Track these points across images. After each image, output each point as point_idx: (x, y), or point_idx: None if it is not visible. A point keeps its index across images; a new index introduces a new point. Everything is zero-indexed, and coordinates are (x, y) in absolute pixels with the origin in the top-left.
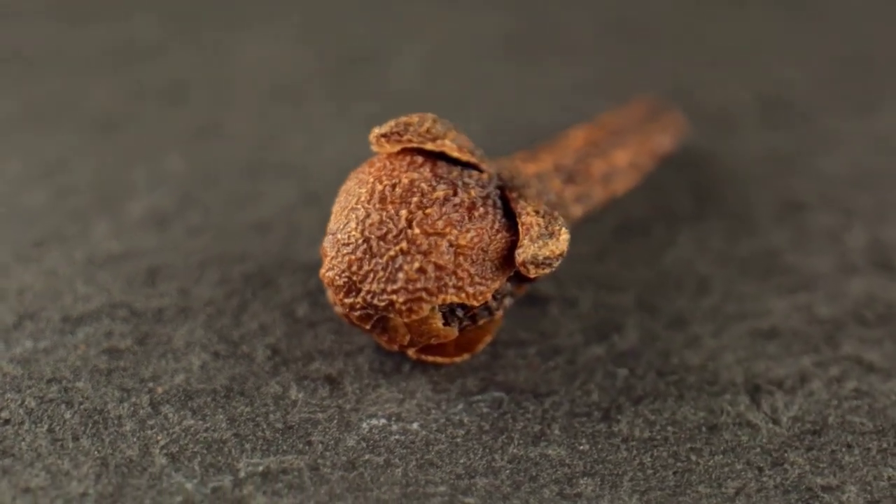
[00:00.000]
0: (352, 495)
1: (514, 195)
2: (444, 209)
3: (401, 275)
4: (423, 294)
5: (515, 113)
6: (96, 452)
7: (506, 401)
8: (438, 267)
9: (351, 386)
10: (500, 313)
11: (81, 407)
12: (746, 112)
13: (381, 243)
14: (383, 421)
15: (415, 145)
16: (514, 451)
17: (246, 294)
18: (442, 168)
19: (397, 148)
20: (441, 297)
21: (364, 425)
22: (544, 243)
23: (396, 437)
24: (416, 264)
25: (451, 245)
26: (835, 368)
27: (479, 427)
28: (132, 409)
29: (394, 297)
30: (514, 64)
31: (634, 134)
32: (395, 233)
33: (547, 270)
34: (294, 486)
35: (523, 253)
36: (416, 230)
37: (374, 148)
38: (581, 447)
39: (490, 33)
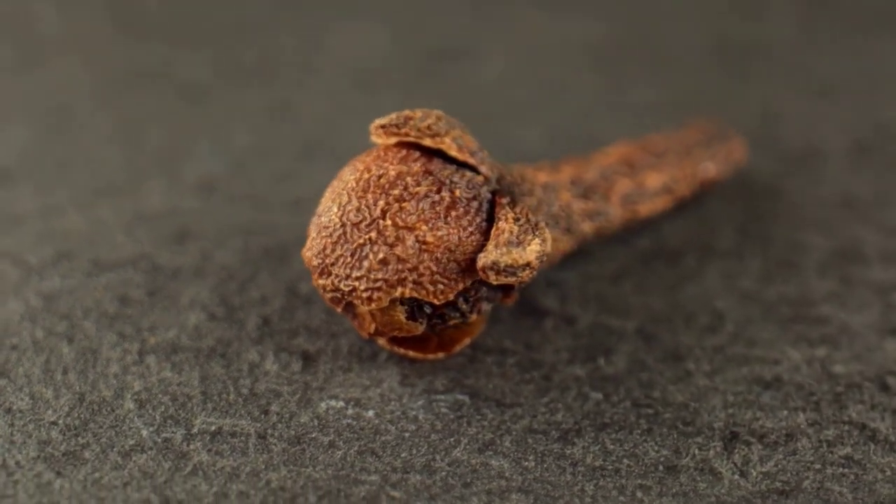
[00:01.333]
0: (286, 468)
1: (504, 200)
2: (421, 205)
3: (365, 263)
4: (383, 284)
5: (582, 124)
6: (77, 388)
7: (467, 405)
8: (400, 260)
9: (324, 365)
10: (474, 316)
11: (80, 345)
12: (833, 151)
13: (355, 230)
14: (341, 404)
15: (411, 139)
16: (458, 454)
17: (259, 265)
18: (436, 165)
19: (393, 140)
20: (399, 289)
21: (322, 405)
22: (508, 251)
23: (348, 421)
24: (381, 255)
25: (417, 240)
26: (831, 431)
27: (431, 425)
28: (122, 354)
29: (356, 283)
30: (596, 74)
31: (678, 157)
32: (368, 221)
33: (511, 279)
34: (237, 450)
35: (484, 258)
36: (388, 221)
37: (373, 138)
38: (526, 463)
39: (581, 40)
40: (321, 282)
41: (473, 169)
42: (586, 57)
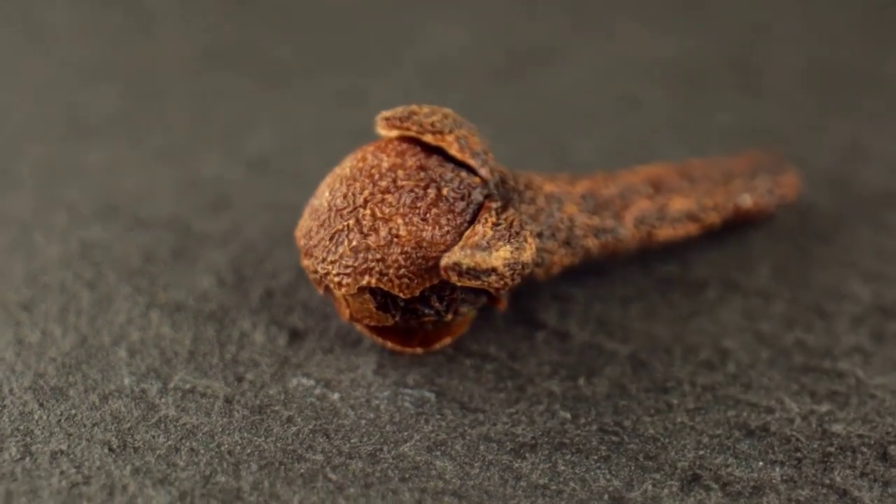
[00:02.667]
0: (240, 434)
1: (494, 205)
2: (403, 199)
3: (339, 249)
4: (352, 271)
5: (646, 141)
6: (83, 331)
7: (431, 402)
8: (370, 249)
9: (308, 344)
10: (450, 316)
11: (98, 292)
12: None
13: (338, 216)
14: (312, 382)
15: (412, 134)
16: (406, 449)
17: (280, 241)
18: (432, 162)
19: (395, 133)
20: (367, 278)
21: (294, 381)
22: (473, 253)
23: (313, 400)
24: (354, 242)
25: (390, 232)
26: (806, 491)
27: (390, 417)
28: (131, 305)
29: (330, 267)
30: (676, 92)
31: (712, 184)
32: (350, 209)
33: (475, 283)
34: (202, 410)
35: (447, 257)
36: (367, 211)
37: (378, 129)
38: (471, 469)
39: (670, 56)
40: (305, 262)
41: (473, 170)
42: (672, 74)
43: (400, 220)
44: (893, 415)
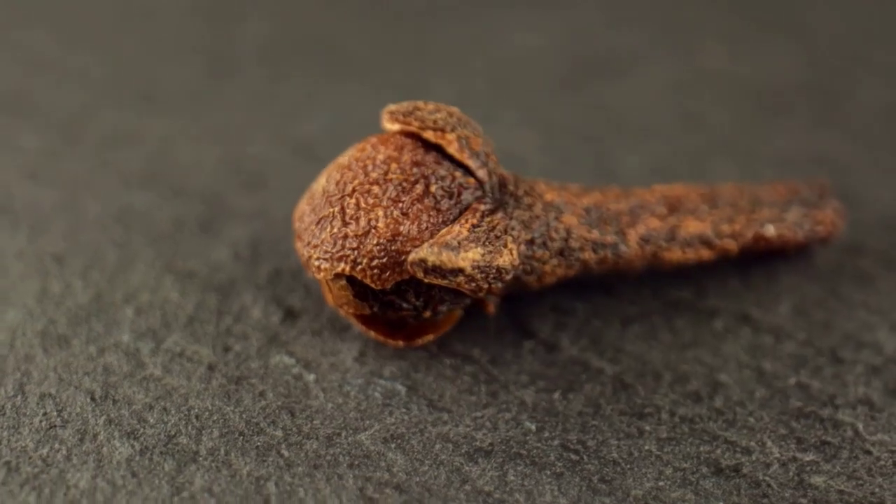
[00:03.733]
0: (211, 401)
1: (482, 207)
2: (389, 191)
3: (322, 234)
4: (330, 257)
5: (696, 163)
6: (100, 287)
7: (400, 396)
8: (348, 237)
9: (301, 324)
10: (428, 313)
11: (123, 253)
12: None
13: (327, 203)
14: (292, 361)
15: (414, 130)
16: (362, 437)
17: None
18: (428, 159)
19: (397, 127)
20: (341, 266)
21: (276, 357)
22: (440, 251)
23: (288, 378)
24: (334, 229)
25: (369, 223)
26: None
27: (356, 405)
28: (148, 269)
29: (312, 251)
30: (748, 115)
31: (735, 210)
32: (338, 196)
33: (441, 282)
34: (184, 374)
35: (414, 253)
36: (353, 200)
37: (383, 122)
38: (420, 466)
39: (756, 79)
40: (297, 244)
41: (470, 171)
42: (744, 94)
43: (381, 212)
44: (886, 475)
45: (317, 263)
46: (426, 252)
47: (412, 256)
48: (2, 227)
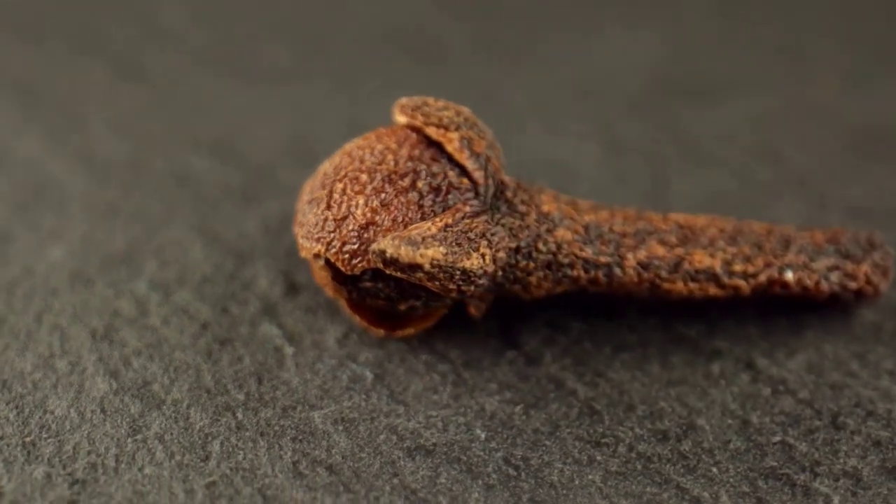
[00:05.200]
0: (192, 357)
1: (466, 208)
2: (375, 181)
3: (309, 215)
4: (309, 237)
5: (751, 197)
6: (136, 237)
7: (364, 382)
8: (327, 221)
9: (299, 299)
10: (403, 306)
11: (166, 211)
12: None
13: (321, 185)
14: (278, 332)
15: (418, 125)
16: (314, 415)
17: None
18: (426, 154)
19: (405, 120)
20: (317, 247)
21: (264, 327)
22: (400, 245)
23: (269, 347)
24: (319, 211)
25: (349, 209)
26: None
27: (321, 384)
28: (184, 228)
29: (298, 230)
30: (821, 151)
31: (757, 251)
32: (330, 180)
33: (401, 275)
34: (178, 327)
35: (377, 244)
36: (340, 185)
37: (394, 114)
38: (359, 452)
39: (844, 110)
40: (294, 226)
41: (467, 172)
42: (845, 136)
43: (361, 200)
44: None
45: (300, 242)
46: (387, 243)
47: (374, 246)
48: (79, 172)
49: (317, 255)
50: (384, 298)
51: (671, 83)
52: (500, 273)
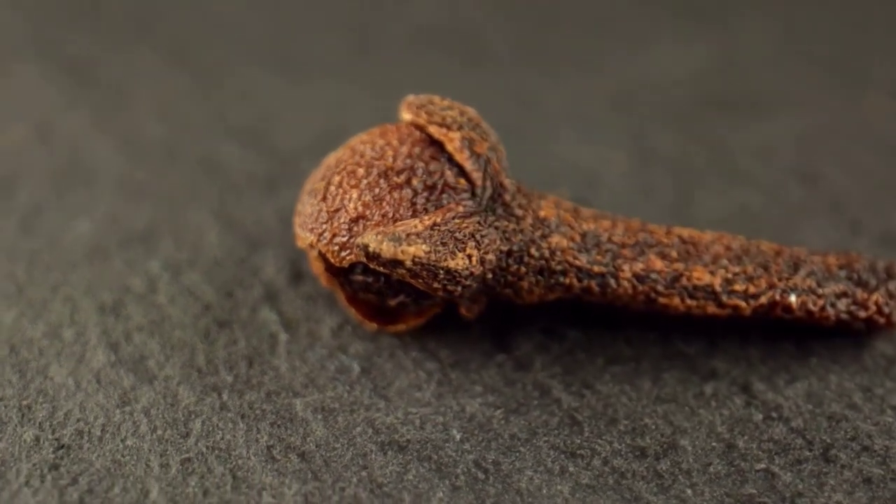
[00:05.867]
0: (190, 336)
1: (459, 209)
2: (371, 176)
3: (307, 206)
4: (304, 227)
5: (776, 218)
6: (159, 217)
7: (350, 374)
8: (321, 212)
9: (302, 287)
10: (391, 302)
11: (190, 192)
12: None
13: (322, 177)
14: (275, 318)
15: (422, 122)
16: (296, 402)
17: None
18: (426, 153)
19: (409, 117)
20: (310, 237)
21: (264, 312)
22: (382, 240)
23: (264, 332)
24: (314, 201)
25: (342, 201)
26: None
27: (307, 373)
28: (204, 212)
29: (296, 219)
30: (862, 175)
31: (762, 271)
32: (330, 172)
33: (381, 269)
34: (182, 307)
35: (361, 237)
36: (338, 177)
37: (401, 110)
38: (334, 442)
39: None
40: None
41: (465, 173)
42: (889, 161)
43: (355, 193)
44: None
45: (296, 231)
46: (370, 238)
47: (358, 239)
48: (116, 151)
49: (311, 246)
50: (374, 293)
51: (715, 96)
52: (489, 275)
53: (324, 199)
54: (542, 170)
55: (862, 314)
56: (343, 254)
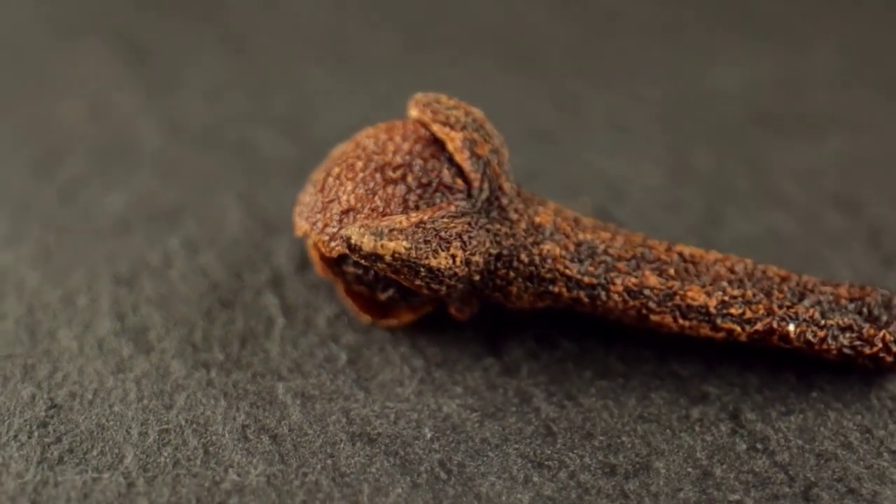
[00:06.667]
0: (194, 313)
1: (451, 208)
2: (368, 170)
3: (305, 196)
4: (301, 215)
5: (806, 245)
6: (186, 196)
7: (336, 363)
8: (317, 202)
9: (308, 275)
10: (382, 296)
11: (220, 174)
12: None
13: (324, 168)
14: (276, 303)
15: (426, 121)
16: (279, 386)
17: None
18: (427, 151)
19: (416, 113)
20: (304, 226)
21: (266, 297)
22: (364, 233)
23: (263, 315)
24: (313, 192)
25: (337, 193)
26: None
27: (296, 357)
28: (230, 194)
29: (296, 208)
30: None
31: (763, 296)
32: (332, 164)
33: (363, 261)
34: (192, 283)
35: (345, 228)
36: (336, 169)
37: (409, 108)
38: (307, 428)
39: None
40: None
41: (462, 173)
42: None
43: (350, 186)
44: None
45: (295, 219)
46: (353, 230)
47: (342, 231)
48: (160, 130)
49: (305, 235)
50: (365, 285)
51: (764, 114)
52: (476, 277)
53: (321, 189)
54: (570, 176)
55: (867, 350)
56: (332, 244)
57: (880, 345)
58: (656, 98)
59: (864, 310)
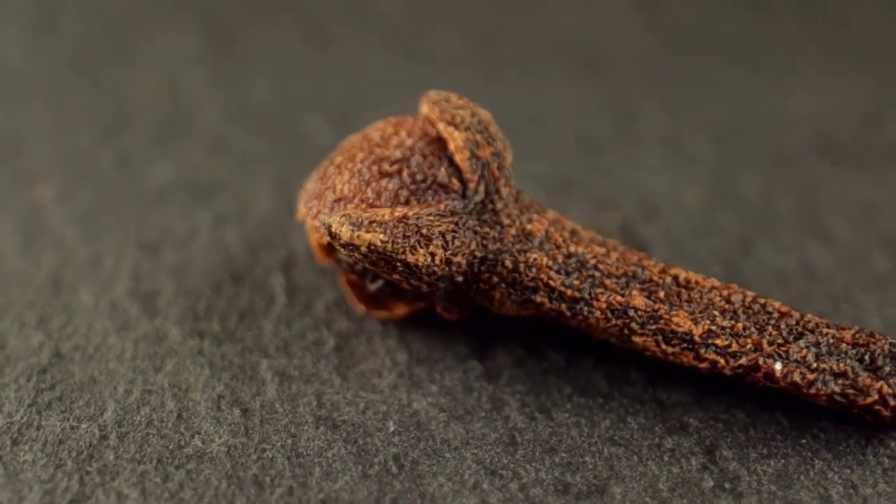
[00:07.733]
0: (203, 283)
1: (440, 206)
2: (366, 162)
3: (309, 183)
4: (300, 200)
5: (836, 284)
6: (220, 175)
7: (322, 348)
8: (314, 191)
9: (313, 267)
10: (371, 286)
11: (255, 157)
12: None
13: (329, 158)
14: (283, 283)
15: (433, 118)
16: (261, 361)
17: None
18: (429, 149)
19: (425, 110)
20: (302, 211)
21: (276, 275)
22: (344, 223)
23: (267, 294)
24: (315, 178)
25: (334, 181)
26: None
27: (286, 337)
28: (261, 174)
29: (300, 193)
30: None
31: (755, 331)
32: (336, 154)
33: (342, 250)
34: (209, 255)
35: (327, 217)
36: (339, 159)
37: (420, 104)
38: (275, 406)
39: None
40: None
41: (460, 173)
42: None
43: (346, 175)
44: None
45: (297, 204)
46: (334, 218)
47: (323, 218)
48: (222, 110)
49: (302, 220)
50: (357, 273)
51: (831, 144)
52: (459, 278)
53: (322, 177)
54: (605, 189)
55: (860, 401)
56: (322, 230)
57: (876, 396)
58: (719, 119)
59: (867, 357)
